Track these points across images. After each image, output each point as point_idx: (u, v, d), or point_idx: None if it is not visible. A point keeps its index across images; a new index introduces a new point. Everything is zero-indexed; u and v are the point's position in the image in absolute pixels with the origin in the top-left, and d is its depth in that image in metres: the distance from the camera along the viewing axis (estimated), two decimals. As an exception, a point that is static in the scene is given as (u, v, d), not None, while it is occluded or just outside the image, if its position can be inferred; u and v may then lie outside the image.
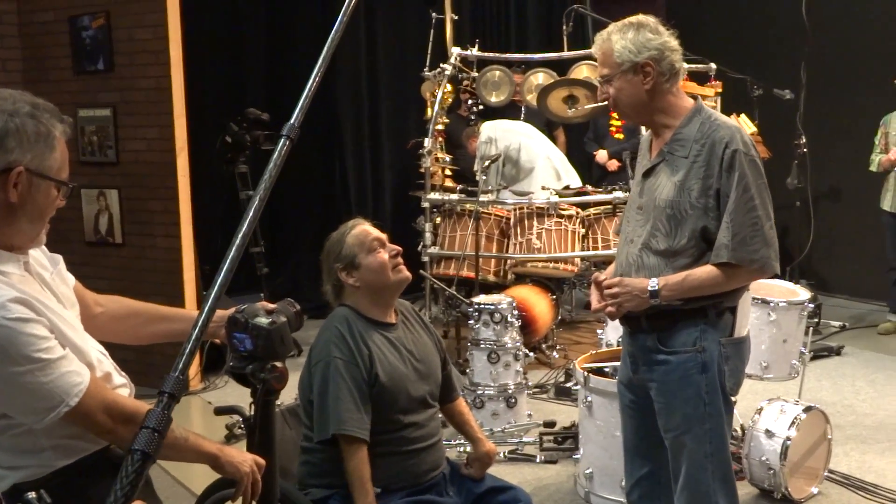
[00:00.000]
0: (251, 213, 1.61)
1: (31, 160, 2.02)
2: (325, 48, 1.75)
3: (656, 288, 2.80)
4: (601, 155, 7.78)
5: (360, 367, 2.97)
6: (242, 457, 2.23)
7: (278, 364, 1.84)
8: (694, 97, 3.01)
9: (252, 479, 2.19)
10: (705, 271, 2.80)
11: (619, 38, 2.87)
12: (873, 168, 6.75)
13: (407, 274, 3.14)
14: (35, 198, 2.06)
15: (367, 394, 2.97)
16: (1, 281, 2.01)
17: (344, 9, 1.79)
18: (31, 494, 1.30)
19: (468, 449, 3.37)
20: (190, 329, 2.57)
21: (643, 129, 5.30)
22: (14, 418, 2.05)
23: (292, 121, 1.70)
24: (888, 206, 6.77)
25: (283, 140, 1.67)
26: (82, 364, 2.09)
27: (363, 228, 3.13)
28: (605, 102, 3.05)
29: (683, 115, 2.92)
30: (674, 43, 2.91)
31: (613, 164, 7.62)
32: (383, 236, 3.15)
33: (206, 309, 1.53)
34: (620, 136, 6.89)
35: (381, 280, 3.08)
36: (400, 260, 3.14)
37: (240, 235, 1.58)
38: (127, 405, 2.14)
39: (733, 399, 3.09)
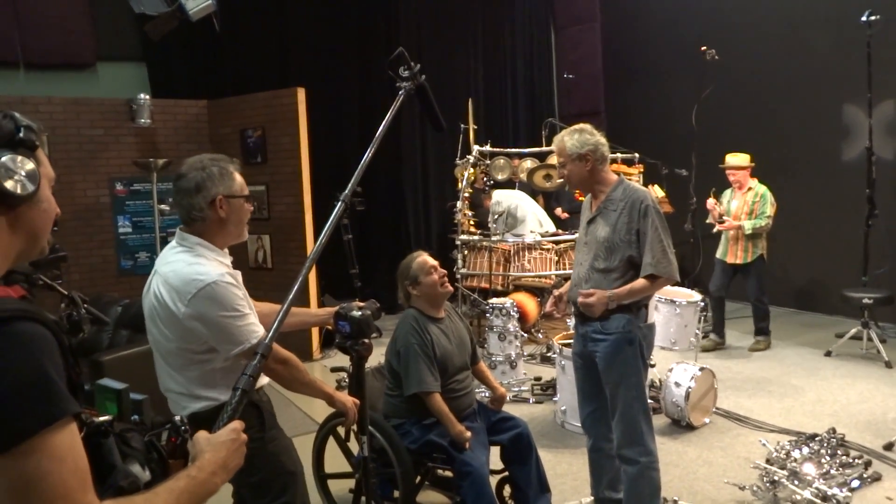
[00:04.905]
0: (321, 240, 1.65)
1: (223, 189, 2.07)
2: (372, 144, 1.78)
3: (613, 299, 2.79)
4: (558, 210, 7.82)
5: (427, 347, 2.96)
6: (346, 397, 2.23)
7: (366, 341, 1.82)
8: (618, 174, 3.00)
9: (352, 411, 2.20)
10: (639, 283, 2.78)
11: (569, 138, 2.87)
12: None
13: (450, 289, 3.11)
14: (234, 210, 2.10)
15: (434, 362, 2.96)
16: (222, 264, 2.06)
17: (387, 117, 1.83)
18: (178, 418, 1.22)
19: (487, 394, 3.34)
20: (303, 319, 2.53)
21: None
22: (214, 353, 2.02)
23: (346, 191, 1.73)
24: (719, 255, 6.32)
25: (339, 203, 1.71)
26: (259, 323, 2.08)
27: (424, 258, 3.10)
28: (564, 179, 3.03)
29: (611, 185, 2.89)
30: (603, 140, 2.90)
31: (565, 216, 7.64)
32: (436, 263, 3.11)
33: (287, 301, 1.50)
34: (582, 198, 6.86)
35: (434, 292, 3.06)
36: (446, 280, 3.09)
37: (312, 252, 1.62)
38: (283, 352, 2.13)
39: (651, 362, 3.06)
